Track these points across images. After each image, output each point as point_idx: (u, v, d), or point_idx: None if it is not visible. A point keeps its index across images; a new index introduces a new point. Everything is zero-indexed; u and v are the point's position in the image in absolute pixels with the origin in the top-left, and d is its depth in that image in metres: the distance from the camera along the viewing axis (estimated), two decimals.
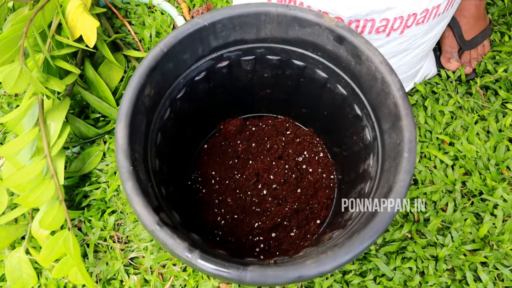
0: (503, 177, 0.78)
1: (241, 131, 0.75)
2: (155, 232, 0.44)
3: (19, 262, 0.71)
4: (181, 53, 0.55)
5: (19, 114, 0.72)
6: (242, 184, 0.69)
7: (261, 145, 0.73)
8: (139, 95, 0.50)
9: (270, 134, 0.75)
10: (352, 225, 0.51)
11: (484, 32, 0.89)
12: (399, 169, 0.47)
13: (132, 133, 0.48)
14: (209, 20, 0.54)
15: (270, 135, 0.75)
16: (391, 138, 0.50)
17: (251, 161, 0.71)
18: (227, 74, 0.63)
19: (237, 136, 0.74)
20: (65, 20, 0.76)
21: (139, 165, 0.49)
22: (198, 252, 0.43)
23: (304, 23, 0.54)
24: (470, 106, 0.85)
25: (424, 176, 0.79)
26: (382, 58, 0.50)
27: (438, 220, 0.73)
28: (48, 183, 0.70)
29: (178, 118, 0.61)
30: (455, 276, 0.70)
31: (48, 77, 0.72)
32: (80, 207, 0.79)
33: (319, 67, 0.59)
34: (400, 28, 0.65)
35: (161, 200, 0.52)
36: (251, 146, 0.73)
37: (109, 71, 0.87)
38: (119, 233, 0.76)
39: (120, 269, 0.73)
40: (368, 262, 0.71)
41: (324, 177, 0.70)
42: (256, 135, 0.74)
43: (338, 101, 0.61)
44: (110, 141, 0.83)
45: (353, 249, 0.44)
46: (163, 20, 0.96)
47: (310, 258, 0.45)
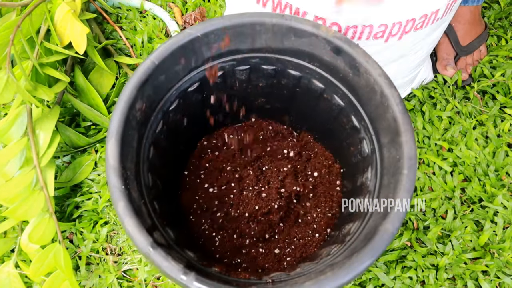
0: (502, 183, 0.77)
1: (234, 139, 0.73)
2: (149, 255, 0.42)
3: (9, 277, 0.69)
4: (173, 65, 0.53)
5: (6, 123, 0.70)
6: (237, 194, 0.68)
7: (256, 151, 0.71)
8: (130, 110, 0.48)
9: (266, 141, 0.73)
10: (351, 241, 0.50)
11: (480, 37, 0.88)
12: (398, 187, 0.46)
13: (123, 150, 0.47)
14: (202, 31, 0.52)
15: (265, 141, 0.73)
16: (390, 153, 0.49)
17: (247, 169, 0.70)
18: (221, 84, 0.61)
19: (230, 144, 0.72)
20: (54, 26, 0.74)
21: (131, 183, 0.47)
22: (193, 274, 0.42)
23: (300, 34, 0.53)
24: (468, 111, 0.84)
25: (423, 183, 0.77)
26: (381, 71, 0.49)
27: (438, 228, 0.72)
28: (38, 195, 0.68)
29: (171, 130, 0.59)
30: (456, 285, 0.69)
31: (37, 86, 0.70)
32: (72, 218, 0.77)
33: (315, 77, 0.58)
34: (399, 34, 0.63)
35: (154, 217, 0.50)
36: (246, 153, 0.71)
37: (100, 78, 0.85)
38: (112, 245, 0.75)
39: (113, 282, 0.71)
40: (367, 272, 0.70)
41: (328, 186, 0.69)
42: (252, 141, 0.73)
43: (335, 111, 0.59)
44: (101, 150, 0.81)
45: (353, 269, 0.43)
46: (155, 25, 0.94)
47: (309, 279, 0.44)
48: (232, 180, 0.68)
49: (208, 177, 0.69)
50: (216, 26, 0.53)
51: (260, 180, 0.67)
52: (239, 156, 0.70)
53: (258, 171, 0.68)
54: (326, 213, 0.65)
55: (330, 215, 0.65)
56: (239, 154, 0.71)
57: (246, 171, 0.68)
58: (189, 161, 0.71)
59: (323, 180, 0.68)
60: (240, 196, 0.66)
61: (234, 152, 0.71)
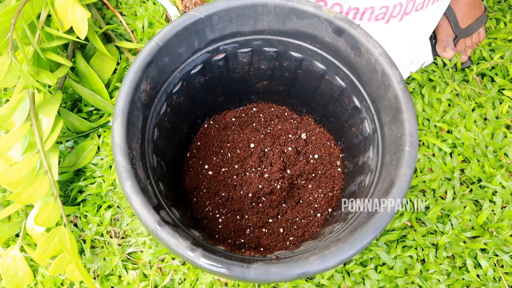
0: (501, 163, 0.78)
1: (236, 122, 0.74)
2: (156, 232, 0.43)
3: (14, 260, 0.70)
4: (177, 47, 0.53)
5: (9, 109, 0.70)
6: (240, 176, 0.68)
7: (258, 134, 0.72)
8: (135, 91, 0.49)
9: (268, 123, 0.74)
10: (353, 219, 0.51)
11: (479, 20, 0.88)
12: (400, 163, 0.46)
13: (129, 130, 0.47)
14: (205, 12, 0.52)
15: (267, 124, 0.74)
16: (392, 131, 0.50)
17: (249, 151, 0.70)
18: (223, 67, 0.61)
19: (232, 127, 0.73)
20: (55, 11, 0.74)
21: (137, 162, 0.48)
22: (200, 250, 0.43)
23: (302, 15, 0.53)
24: (467, 93, 0.85)
25: (423, 164, 0.78)
26: (382, 50, 0.49)
27: (437, 208, 0.73)
28: (42, 179, 0.68)
29: (175, 112, 0.60)
30: (456, 263, 0.71)
31: (39, 70, 0.71)
32: (76, 202, 0.77)
33: (317, 59, 0.58)
34: (399, 15, 0.64)
35: (160, 197, 0.51)
36: (248, 136, 0.72)
37: (101, 63, 0.85)
38: (116, 228, 0.75)
39: (118, 265, 0.72)
40: (368, 251, 0.71)
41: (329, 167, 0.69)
42: (254, 124, 0.73)
43: (336, 93, 0.60)
44: (104, 134, 0.82)
45: (357, 244, 0.43)
46: (155, 10, 0.94)
47: (313, 254, 0.44)
48: (234, 162, 0.69)
49: (210, 159, 0.70)
50: (219, 8, 0.53)
51: (262, 161, 0.68)
52: (242, 138, 0.71)
53: (261, 152, 0.68)
54: (327, 193, 0.66)
55: (331, 195, 0.66)
56: (241, 136, 0.71)
57: (249, 153, 0.69)
58: (192, 143, 0.72)
59: (324, 161, 0.69)
60: (243, 177, 0.67)
61: (237, 134, 0.72)
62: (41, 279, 0.72)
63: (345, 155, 0.67)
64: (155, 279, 0.71)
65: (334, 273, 0.70)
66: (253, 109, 0.75)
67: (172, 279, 0.71)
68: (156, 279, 0.71)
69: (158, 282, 0.71)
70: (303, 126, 0.73)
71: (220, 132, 0.73)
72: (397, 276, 0.70)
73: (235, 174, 0.68)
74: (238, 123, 0.73)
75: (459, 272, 0.70)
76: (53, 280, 0.72)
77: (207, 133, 0.72)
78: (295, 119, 0.74)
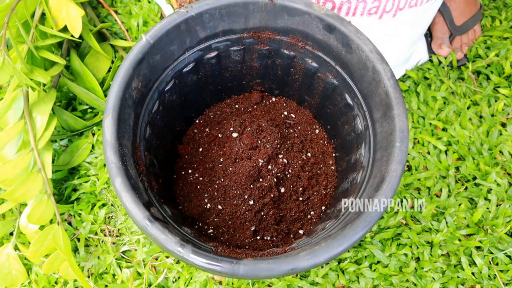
0: (496, 161, 0.77)
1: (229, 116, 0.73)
2: (146, 228, 0.43)
3: (8, 259, 0.70)
4: (168, 45, 0.53)
5: (3, 107, 0.70)
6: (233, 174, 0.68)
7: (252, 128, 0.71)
8: (126, 88, 0.49)
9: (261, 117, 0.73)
10: (344, 216, 0.51)
11: (474, 17, 0.88)
12: (391, 159, 0.46)
13: (119, 127, 0.47)
14: (196, 10, 0.52)
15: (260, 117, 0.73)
16: (383, 127, 0.50)
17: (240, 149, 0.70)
18: (216, 65, 0.61)
19: (224, 121, 0.72)
20: (49, 10, 0.74)
21: (128, 160, 0.48)
22: (190, 246, 0.43)
23: (293, 12, 0.53)
24: (462, 91, 0.85)
25: (418, 162, 0.78)
26: (372, 47, 0.49)
27: (432, 206, 0.73)
28: (36, 177, 0.68)
29: (167, 110, 0.60)
30: (450, 261, 0.71)
31: (33, 68, 0.71)
32: (70, 200, 0.77)
33: (309, 56, 0.58)
34: (393, 11, 0.64)
35: (151, 195, 0.51)
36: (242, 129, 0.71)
37: (96, 62, 0.85)
38: (110, 226, 0.75)
39: (112, 263, 0.72)
40: (363, 249, 0.71)
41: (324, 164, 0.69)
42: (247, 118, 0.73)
43: (329, 90, 0.60)
44: (98, 133, 0.82)
45: (347, 240, 0.43)
46: (150, 9, 0.94)
47: (303, 250, 0.44)
48: (226, 160, 0.68)
49: (201, 159, 0.69)
50: (210, 6, 0.53)
51: (255, 160, 0.67)
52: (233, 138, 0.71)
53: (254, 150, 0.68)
54: (321, 191, 0.66)
55: (325, 193, 0.66)
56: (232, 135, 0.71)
57: (240, 151, 0.68)
58: (183, 140, 0.71)
59: (318, 160, 0.69)
60: (234, 176, 0.67)
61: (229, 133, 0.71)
62: (35, 278, 0.72)
63: (338, 153, 0.67)
64: (149, 277, 0.71)
65: (328, 271, 0.70)
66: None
67: (166, 278, 0.71)
68: (150, 278, 0.71)
69: (152, 280, 0.71)
70: (297, 124, 0.72)
71: (212, 129, 0.72)
72: (391, 274, 0.70)
73: (227, 173, 0.67)
74: (227, 119, 0.73)
75: (454, 270, 0.70)
76: (47, 278, 0.72)
77: (198, 131, 0.72)
78: (293, 110, 0.74)
